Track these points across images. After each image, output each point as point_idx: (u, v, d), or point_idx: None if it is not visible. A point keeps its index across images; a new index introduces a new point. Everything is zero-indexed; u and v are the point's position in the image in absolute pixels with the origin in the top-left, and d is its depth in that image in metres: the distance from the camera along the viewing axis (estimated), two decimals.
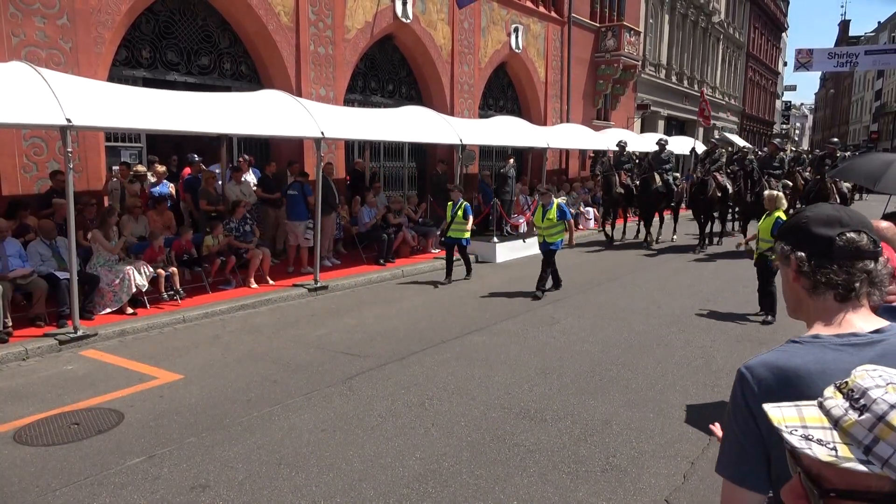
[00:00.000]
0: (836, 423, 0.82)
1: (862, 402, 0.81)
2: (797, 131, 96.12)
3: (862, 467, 0.77)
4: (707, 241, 14.34)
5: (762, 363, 1.34)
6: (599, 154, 17.36)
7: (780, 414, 0.87)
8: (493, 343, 7.06)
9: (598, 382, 5.84)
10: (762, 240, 8.02)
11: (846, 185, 12.93)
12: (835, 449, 0.79)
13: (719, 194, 13.95)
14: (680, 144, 21.35)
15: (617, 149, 15.74)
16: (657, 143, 15.69)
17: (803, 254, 1.36)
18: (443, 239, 10.57)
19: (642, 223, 15.26)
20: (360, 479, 4.03)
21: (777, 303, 7.87)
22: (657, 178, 14.52)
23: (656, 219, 15.22)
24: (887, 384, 0.82)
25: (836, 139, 14.68)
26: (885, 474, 0.77)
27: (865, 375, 0.85)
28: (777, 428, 0.84)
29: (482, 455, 4.39)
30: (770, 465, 1.31)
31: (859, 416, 0.80)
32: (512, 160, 14.97)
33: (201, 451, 4.41)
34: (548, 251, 9.50)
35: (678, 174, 15.83)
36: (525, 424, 4.89)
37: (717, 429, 1.63)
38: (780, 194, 8.16)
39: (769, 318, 7.99)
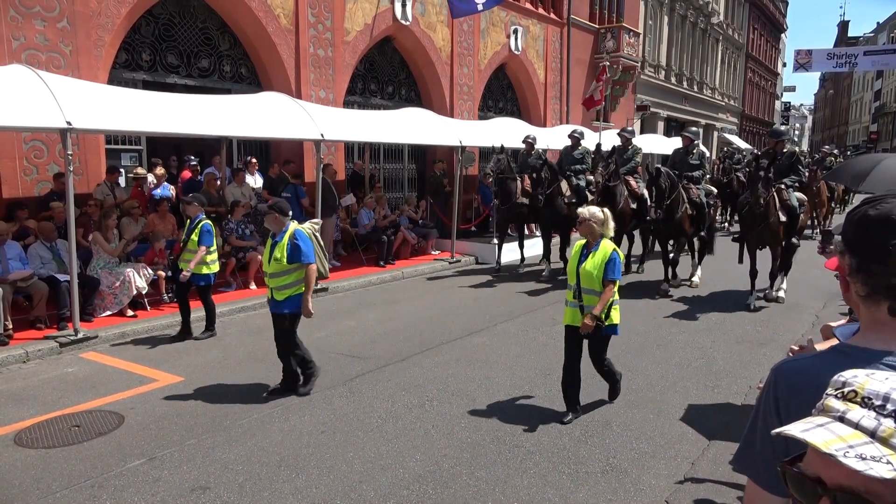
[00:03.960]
0: (872, 434, 0.78)
1: (890, 407, 0.78)
2: (797, 132, 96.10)
3: None
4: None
5: (798, 369, 1.27)
6: (495, 151, 11.23)
7: (820, 438, 0.79)
8: (494, 344, 7.07)
9: (598, 383, 5.84)
10: (586, 291, 4.79)
11: (798, 196, 9.04)
12: (890, 462, 0.75)
13: (633, 206, 10.41)
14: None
15: (524, 146, 11.76)
16: (569, 136, 11.63)
17: (856, 257, 1.24)
18: (170, 273, 7.46)
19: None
20: (360, 481, 4.03)
21: (618, 384, 5.43)
22: (563, 184, 10.96)
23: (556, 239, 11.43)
24: None
25: (781, 128, 10.09)
26: None
27: (872, 381, 0.82)
28: (828, 454, 0.77)
29: (482, 456, 4.39)
30: None
31: (895, 422, 0.77)
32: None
33: (202, 453, 4.42)
34: (282, 316, 5.38)
35: (591, 178, 10.79)
36: (525, 426, 4.90)
37: (795, 348, 1.55)
38: (607, 214, 4.95)
39: (612, 400, 5.44)
